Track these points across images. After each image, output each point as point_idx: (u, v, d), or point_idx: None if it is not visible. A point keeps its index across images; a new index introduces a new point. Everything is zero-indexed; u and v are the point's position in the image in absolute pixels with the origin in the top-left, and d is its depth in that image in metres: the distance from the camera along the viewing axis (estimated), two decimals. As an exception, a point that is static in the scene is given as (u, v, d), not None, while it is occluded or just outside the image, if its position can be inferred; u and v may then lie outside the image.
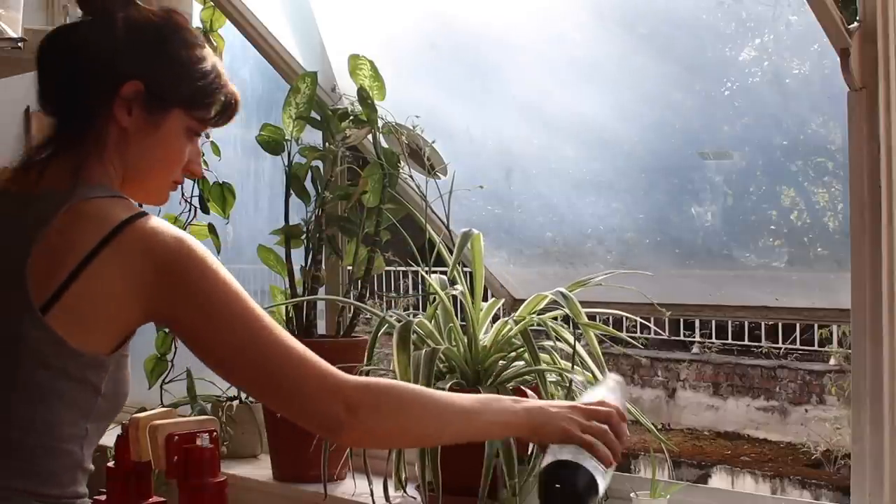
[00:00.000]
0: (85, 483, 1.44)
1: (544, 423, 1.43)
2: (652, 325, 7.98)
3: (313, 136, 2.57)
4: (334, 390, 1.37)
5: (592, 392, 1.58)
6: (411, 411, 1.43)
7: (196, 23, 2.79)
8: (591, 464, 1.40)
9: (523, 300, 2.14)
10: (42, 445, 1.36)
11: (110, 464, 2.17)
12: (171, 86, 1.46)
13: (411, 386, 1.51)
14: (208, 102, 1.50)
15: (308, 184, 2.54)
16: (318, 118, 2.54)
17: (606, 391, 1.55)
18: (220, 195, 2.72)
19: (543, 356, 2.02)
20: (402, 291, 10.16)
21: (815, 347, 9.21)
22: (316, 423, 1.41)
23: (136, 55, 1.44)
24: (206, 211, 2.73)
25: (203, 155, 1.58)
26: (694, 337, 10.01)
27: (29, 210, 1.39)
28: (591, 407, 1.46)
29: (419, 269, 2.28)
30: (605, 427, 1.43)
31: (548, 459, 1.42)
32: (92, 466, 1.46)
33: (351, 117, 2.49)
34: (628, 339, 2.41)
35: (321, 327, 2.67)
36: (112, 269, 1.34)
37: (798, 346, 9.27)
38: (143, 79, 1.44)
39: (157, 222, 1.39)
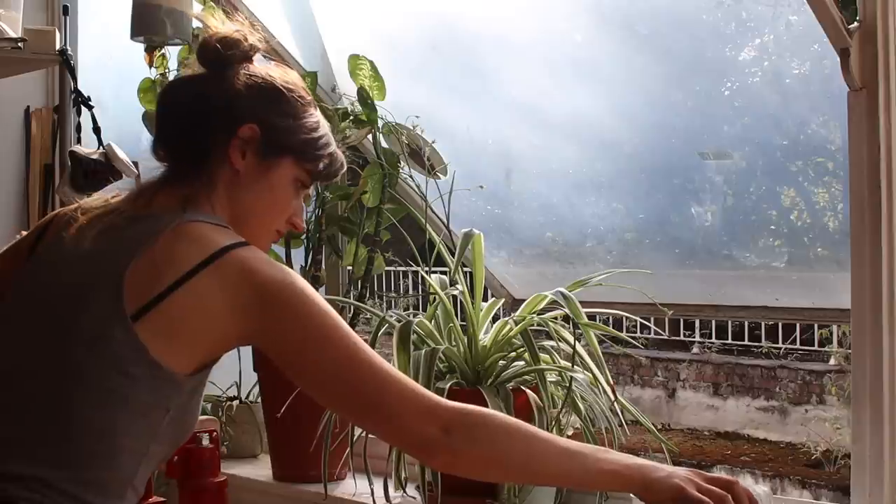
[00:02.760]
0: (132, 503, 1.43)
1: (658, 480, 1.39)
2: (652, 325, 7.98)
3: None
4: (432, 412, 1.40)
5: None
6: (508, 442, 1.42)
7: (196, 23, 2.79)
8: None
9: (523, 300, 2.14)
10: (97, 450, 1.36)
11: (110, 464, 2.16)
12: (285, 134, 1.52)
13: (511, 418, 1.48)
14: (318, 156, 1.55)
15: (308, 184, 2.53)
16: (318, 118, 2.54)
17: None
18: (220, 195, 2.72)
19: (543, 356, 2.02)
20: (402, 291, 10.16)
21: (815, 347, 9.20)
22: (411, 443, 1.43)
23: (254, 102, 1.51)
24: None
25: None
26: (694, 337, 10.00)
27: (137, 225, 1.43)
28: (714, 475, 1.41)
29: (419, 269, 2.28)
30: (725, 494, 1.38)
31: None
32: (142, 490, 1.45)
33: (351, 117, 2.49)
34: (628, 339, 2.41)
35: (321, 327, 2.66)
36: (209, 291, 1.36)
37: (798, 346, 9.27)
38: (259, 124, 1.50)
39: (260, 253, 1.43)
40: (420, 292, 8.58)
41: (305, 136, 1.54)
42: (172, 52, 2.87)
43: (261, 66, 1.55)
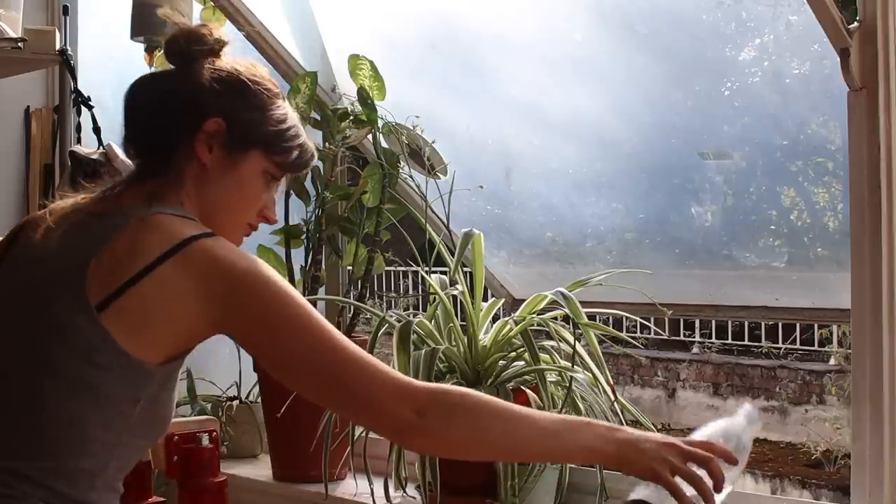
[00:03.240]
0: (109, 500, 1.44)
1: (633, 460, 1.39)
2: (652, 325, 7.98)
3: (313, 136, 2.57)
4: (405, 394, 1.39)
5: (714, 424, 1.48)
6: (485, 421, 1.41)
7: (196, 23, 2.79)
8: None
9: (523, 300, 2.14)
10: (67, 439, 1.37)
11: (110, 464, 2.16)
12: (251, 126, 1.52)
13: (489, 397, 1.47)
14: (286, 147, 1.55)
15: (308, 184, 2.54)
16: (318, 118, 2.54)
17: (727, 424, 1.46)
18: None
19: (543, 356, 2.02)
20: (402, 291, 10.16)
21: (815, 347, 9.20)
22: (387, 426, 1.42)
23: (219, 96, 1.50)
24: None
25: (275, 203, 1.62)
26: (694, 337, 10.00)
27: (103, 221, 1.44)
28: (691, 448, 1.39)
29: (419, 269, 2.28)
30: (700, 473, 1.37)
31: (632, 495, 1.38)
32: (121, 488, 1.46)
33: (351, 117, 2.49)
34: (628, 339, 2.41)
35: (321, 327, 2.66)
36: (175, 280, 1.36)
37: (798, 346, 9.26)
38: (225, 117, 1.50)
39: (226, 242, 1.43)
40: (420, 292, 8.58)
41: (273, 129, 1.53)
42: (172, 52, 2.87)
43: (227, 60, 1.55)
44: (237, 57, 1.58)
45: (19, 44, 2.80)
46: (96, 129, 2.86)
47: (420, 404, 1.38)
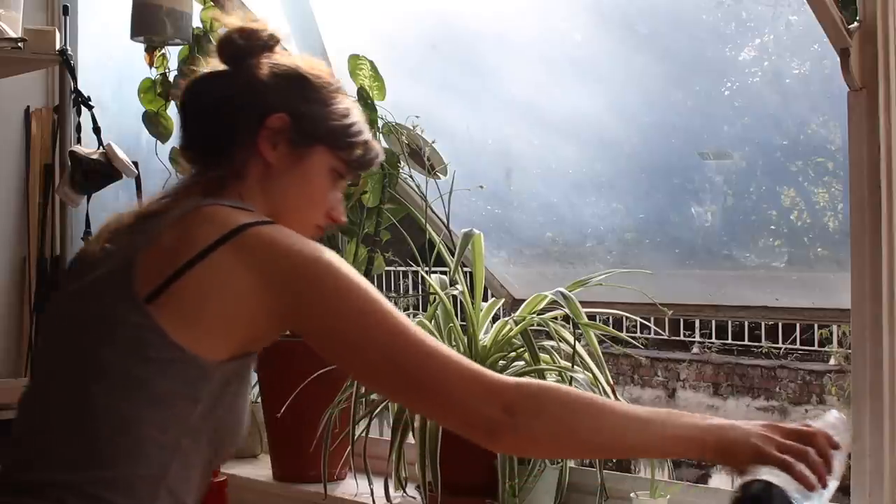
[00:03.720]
0: None
1: (734, 441, 1.27)
2: (652, 325, 7.97)
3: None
4: (492, 391, 1.27)
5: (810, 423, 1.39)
6: (580, 415, 1.29)
7: (196, 23, 2.79)
8: (791, 488, 1.23)
9: (523, 300, 2.14)
10: (120, 444, 1.27)
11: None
12: (315, 122, 1.45)
13: (575, 389, 1.36)
14: (352, 143, 1.48)
15: (308, 184, 2.53)
16: (318, 118, 2.54)
17: (822, 424, 1.35)
18: (220, 195, 2.72)
19: (543, 356, 2.02)
20: (402, 291, 10.16)
21: (815, 347, 9.20)
22: (472, 428, 1.30)
23: (281, 92, 1.44)
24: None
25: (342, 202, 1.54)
26: (694, 337, 10.00)
27: (156, 219, 1.37)
28: (792, 426, 1.31)
29: (419, 269, 2.28)
30: (808, 448, 1.26)
31: (746, 478, 1.26)
32: (187, 498, 1.33)
33: (351, 117, 2.49)
34: (628, 339, 2.41)
35: (321, 327, 2.66)
36: (230, 268, 1.28)
37: (798, 346, 9.27)
38: (289, 112, 1.43)
39: (285, 229, 1.34)
40: (420, 292, 8.58)
41: (336, 123, 1.46)
42: (172, 52, 2.87)
43: (283, 55, 1.48)
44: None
45: (19, 44, 2.80)
46: (96, 129, 2.86)
47: (508, 400, 1.26)
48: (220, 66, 1.48)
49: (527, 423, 1.27)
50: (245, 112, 1.43)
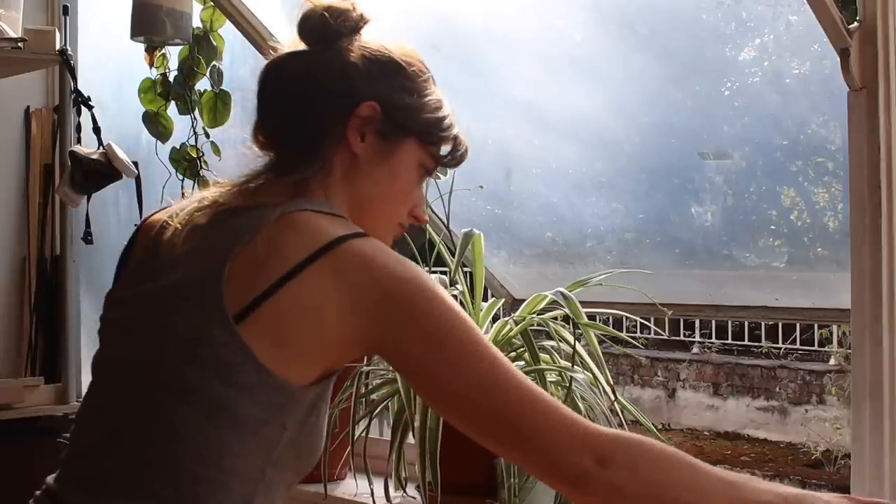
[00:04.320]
0: None
1: None
2: (652, 325, 7.98)
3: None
4: (584, 440, 1.20)
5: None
6: (671, 473, 1.23)
7: (196, 23, 2.79)
8: None
9: (523, 300, 2.14)
10: (202, 475, 1.18)
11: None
12: (407, 112, 1.35)
13: (667, 445, 1.27)
14: (442, 137, 1.39)
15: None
16: (318, 118, 2.54)
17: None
18: (220, 195, 2.71)
19: (543, 356, 2.02)
20: (402, 291, 10.16)
21: (815, 347, 9.20)
22: (559, 476, 1.22)
23: (372, 78, 1.33)
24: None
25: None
26: (694, 337, 10.00)
27: (239, 218, 1.26)
28: (869, 499, 1.29)
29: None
30: None
31: None
32: None
33: (351, 117, 2.49)
34: (628, 339, 2.41)
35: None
36: (322, 287, 1.18)
37: (798, 346, 9.27)
38: (380, 101, 1.33)
39: (381, 245, 1.25)
40: (420, 292, 8.56)
41: (429, 115, 1.37)
42: (172, 52, 2.88)
43: (371, 38, 1.37)
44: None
45: (19, 44, 2.80)
46: (96, 129, 2.87)
47: (602, 452, 1.19)
48: (301, 47, 1.37)
49: (617, 477, 1.20)
50: (333, 98, 1.32)
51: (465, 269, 2.19)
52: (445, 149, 1.41)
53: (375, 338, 1.21)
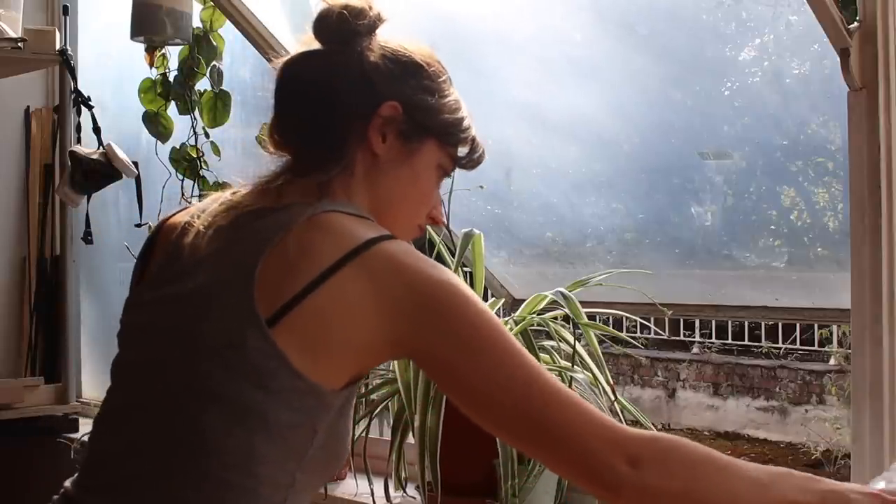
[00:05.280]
0: None
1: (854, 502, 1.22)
2: (652, 325, 7.97)
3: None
4: (617, 442, 1.18)
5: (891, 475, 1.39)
6: (703, 473, 1.21)
7: (196, 23, 2.79)
8: None
9: (523, 300, 2.14)
10: (232, 482, 1.16)
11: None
12: (429, 112, 1.35)
13: (699, 445, 1.26)
14: (462, 138, 1.39)
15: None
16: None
17: None
18: (220, 195, 2.72)
19: (543, 356, 2.02)
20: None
21: (815, 347, 9.20)
22: (593, 478, 1.20)
23: (394, 78, 1.33)
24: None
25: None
26: (694, 337, 10.00)
27: (266, 220, 1.24)
28: None
29: (419, 269, 2.27)
30: None
31: None
32: None
33: (351, 117, 2.48)
34: (628, 339, 2.41)
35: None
36: (354, 290, 1.17)
37: (798, 346, 9.27)
38: (401, 101, 1.32)
39: (411, 248, 1.24)
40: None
41: (449, 116, 1.36)
42: (172, 52, 2.88)
43: (389, 38, 1.36)
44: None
45: (19, 44, 2.80)
46: (96, 129, 2.87)
47: (635, 454, 1.18)
48: (315, 46, 1.35)
49: (650, 479, 1.18)
50: (354, 98, 1.31)
51: (465, 268, 2.19)
52: (463, 150, 1.41)
53: (407, 341, 1.20)
